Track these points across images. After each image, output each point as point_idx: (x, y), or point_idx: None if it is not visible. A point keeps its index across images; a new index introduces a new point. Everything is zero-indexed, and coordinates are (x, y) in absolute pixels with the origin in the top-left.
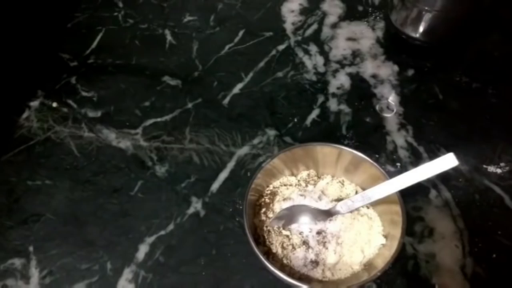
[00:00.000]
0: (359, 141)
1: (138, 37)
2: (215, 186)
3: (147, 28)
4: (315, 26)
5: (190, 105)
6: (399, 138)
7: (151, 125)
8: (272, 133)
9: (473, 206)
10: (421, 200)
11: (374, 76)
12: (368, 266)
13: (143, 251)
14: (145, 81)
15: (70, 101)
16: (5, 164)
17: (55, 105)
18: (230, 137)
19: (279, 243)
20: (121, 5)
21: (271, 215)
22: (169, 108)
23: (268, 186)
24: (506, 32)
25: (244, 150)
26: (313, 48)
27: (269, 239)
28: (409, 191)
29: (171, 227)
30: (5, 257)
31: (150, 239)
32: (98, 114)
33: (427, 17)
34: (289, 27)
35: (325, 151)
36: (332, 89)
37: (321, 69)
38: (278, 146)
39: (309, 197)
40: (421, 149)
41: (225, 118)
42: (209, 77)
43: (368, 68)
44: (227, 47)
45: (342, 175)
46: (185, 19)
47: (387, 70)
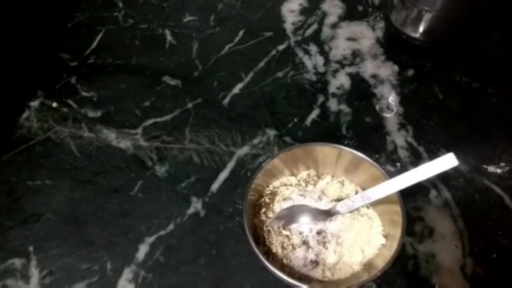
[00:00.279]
0: (359, 141)
1: (138, 37)
2: (215, 186)
3: (147, 28)
4: (315, 26)
5: (190, 105)
6: (399, 138)
7: (151, 125)
8: (272, 133)
9: (473, 206)
10: (421, 200)
11: (374, 76)
12: (368, 266)
13: (143, 251)
14: (145, 81)
15: (70, 101)
16: (5, 164)
17: (55, 105)
18: (230, 137)
19: (279, 243)
20: (121, 5)
21: (271, 215)
22: (169, 108)
23: (268, 186)
24: (506, 32)
25: (244, 150)
26: (313, 48)
27: (269, 239)
28: (409, 191)
29: (171, 227)
30: (5, 257)
31: (150, 239)
32: (98, 114)
33: (427, 17)
34: (289, 27)
35: (325, 151)
36: (332, 89)
37: (321, 69)
38: (278, 146)
39: (309, 197)
40: (421, 149)
41: (225, 118)
42: (209, 77)
43: (368, 68)
44: (227, 47)
45: (342, 175)
46: (185, 19)
47: (387, 70)
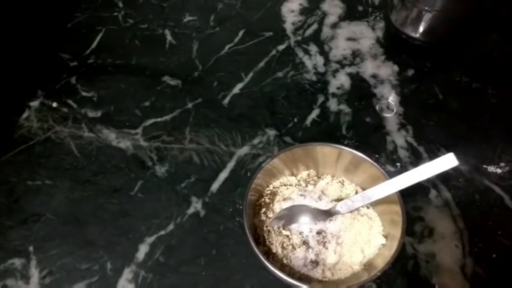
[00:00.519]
0: (359, 141)
1: (138, 37)
2: (215, 186)
3: (147, 28)
4: (315, 26)
5: (190, 105)
6: (399, 138)
7: (151, 125)
8: (272, 133)
9: (473, 206)
10: (421, 200)
11: (374, 76)
12: (368, 266)
13: (143, 251)
14: (145, 81)
15: (70, 101)
16: (5, 164)
17: (55, 105)
18: (230, 137)
19: (279, 243)
20: (121, 5)
21: (271, 215)
22: (169, 108)
23: (268, 186)
24: (506, 32)
25: (244, 150)
26: (313, 48)
27: (269, 239)
28: (409, 191)
29: (171, 227)
30: (5, 257)
31: (150, 239)
32: (98, 114)
33: (427, 17)
34: (289, 27)
35: (325, 151)
36: (332, 89)
37: (321, 69)
38: (278, 146)
39: (309, 197)
40: (421, 149)
41: (225, 118)
42: (209, 77)
43: (368, 68)
44: (227, 47)
45: (342, 175)
46: (185, 19)
47: (387, 70)
